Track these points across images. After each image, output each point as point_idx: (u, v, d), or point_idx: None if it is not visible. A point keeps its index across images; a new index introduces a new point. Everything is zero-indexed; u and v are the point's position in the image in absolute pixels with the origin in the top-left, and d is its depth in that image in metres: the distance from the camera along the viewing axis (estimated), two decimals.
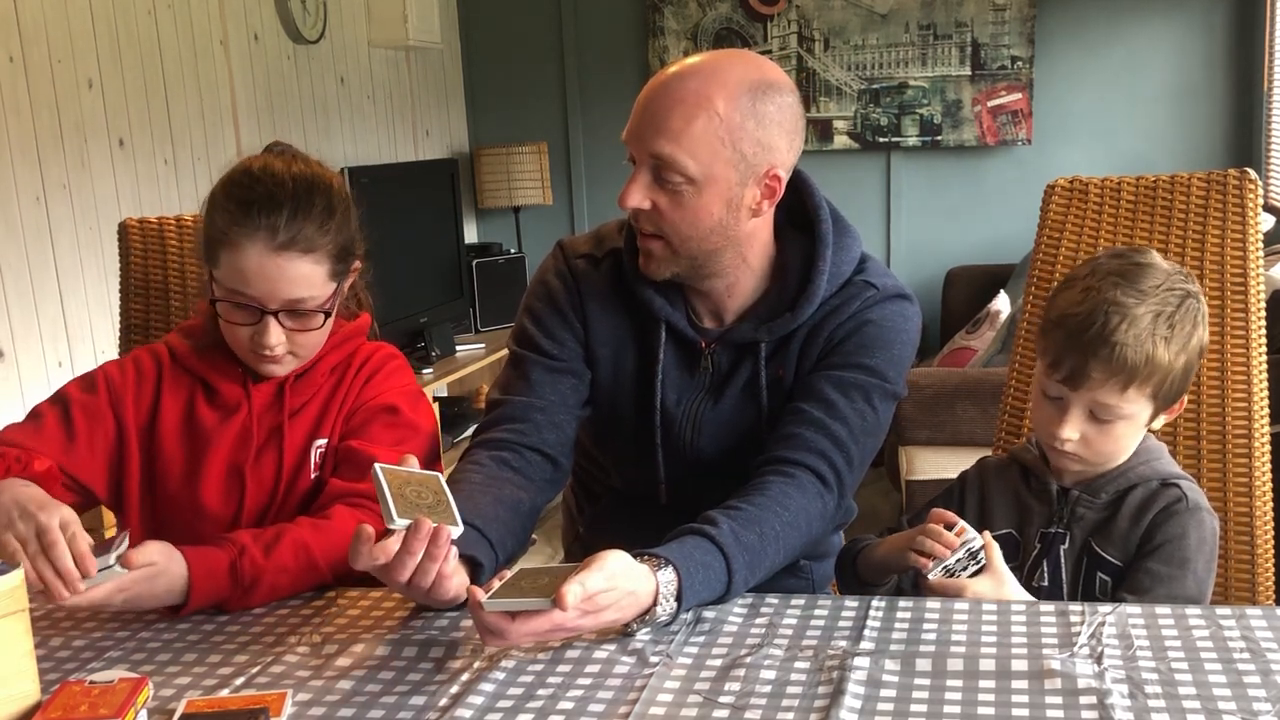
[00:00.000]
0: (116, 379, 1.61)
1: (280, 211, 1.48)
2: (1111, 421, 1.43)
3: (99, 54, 3.08)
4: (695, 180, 1.45)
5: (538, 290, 1.67)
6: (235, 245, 1.49)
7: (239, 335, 1.55)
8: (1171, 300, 1.42)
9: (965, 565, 1.39)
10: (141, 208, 3.22)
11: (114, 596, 1.31)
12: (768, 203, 1.52)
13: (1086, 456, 1.46)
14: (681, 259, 1.52)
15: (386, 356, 1.67)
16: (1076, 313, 1.42)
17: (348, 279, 1.61)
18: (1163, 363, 1.40)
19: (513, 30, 5.11)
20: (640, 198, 1.48)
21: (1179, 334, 1.41)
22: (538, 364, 1.61)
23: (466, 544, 1.34)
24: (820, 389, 1.52)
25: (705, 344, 1.60)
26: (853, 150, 4.89)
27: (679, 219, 1.48)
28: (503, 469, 1.53)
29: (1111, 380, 1.40)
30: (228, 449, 1.58)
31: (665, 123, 1.44)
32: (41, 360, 2.89)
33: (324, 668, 1.24)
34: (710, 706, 1.11)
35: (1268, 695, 1.07)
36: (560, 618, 1.16)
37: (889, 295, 1.58)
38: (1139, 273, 1.44)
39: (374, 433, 1.57)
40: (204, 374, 1.61)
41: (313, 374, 1.61)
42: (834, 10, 4.80)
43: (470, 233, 5.17)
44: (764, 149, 1.47)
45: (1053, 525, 1.50)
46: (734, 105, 1.44)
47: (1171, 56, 4.63)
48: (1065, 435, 1.43)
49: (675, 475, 1.64)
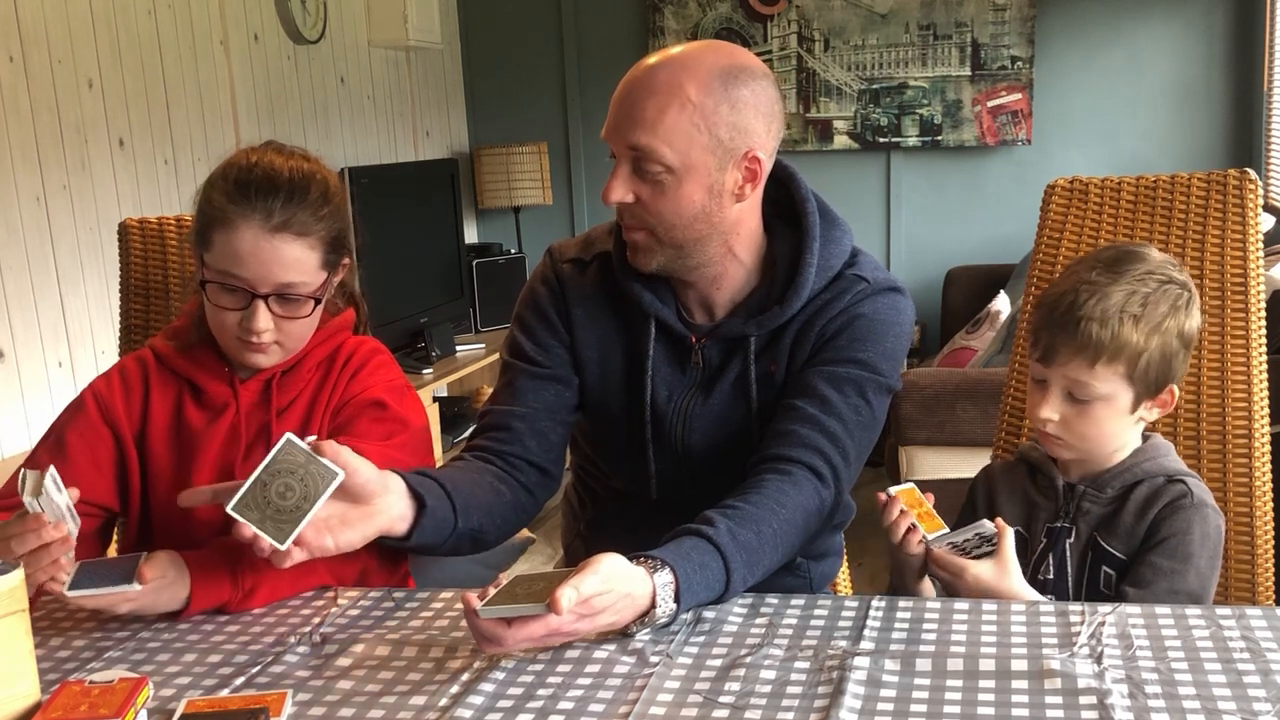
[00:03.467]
0: (104, 393, 1.61)
1: (277, 194, 1.49)
2: (1088, 402, 1.44)
3: (99, 54, 3.08)
4: (674, 169, 1.46)
5: (526, 298, 1.68)
6: (230, 224, 1.49)
7: (226, 321, 1.53)
8: (1151, 282, 1.44)
9: (976, 546, 1.39)
10: (141, 208, 3.22)
11: (120, 605, 1.32)
12: (750, 186, 1.52)
13: (1070, 440, 1.47)
14: (667, 248, 1.53)
15: (372, 351, 1.66)
16: (1055, 293, 1.47)
17: (338, 272, 1.60)
18: (1130, 341, 1.41)
19: (513, 30, 5.11)
20: (623, 191, 1.49)
21: (1151, 314, 1.42)
22: (524, 372, 1.63)
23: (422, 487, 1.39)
24: (814, 384, 1.52)
25: (695, 339, 1.60)
26: (853, 150, 4.89)
27: (662, 208, 1.49)
28: (487, 466, 1.56)
29: (1079, 356, 1.42)
30: (217, 449, 1.57)
31: (640, 114, 1.45)
32: (41, 360, 2.89)
33: (324, 668, 1.24)
34: (710, 706, 1.11)
35: (1268, 695, 1.07)
36: (556, 622, 1.16)
37: (880, 288, 1.58)
38: (1125, 259, 1.47)
39: (362, 427, 1.56)
40: (190, 374, 1.60)
41: (299, 370, 1.60)
42: (834, 10, 4.80)
43: (470, 233, 5.17)
44: (740, 132, 1.47)
45: (1059, 520, 1.51)
46: (706, 91, 1.45)
47: (1171, 56, 4.63)
48: (1044, 415, 1.46)
49: (665, 471, 1.64)
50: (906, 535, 1.42)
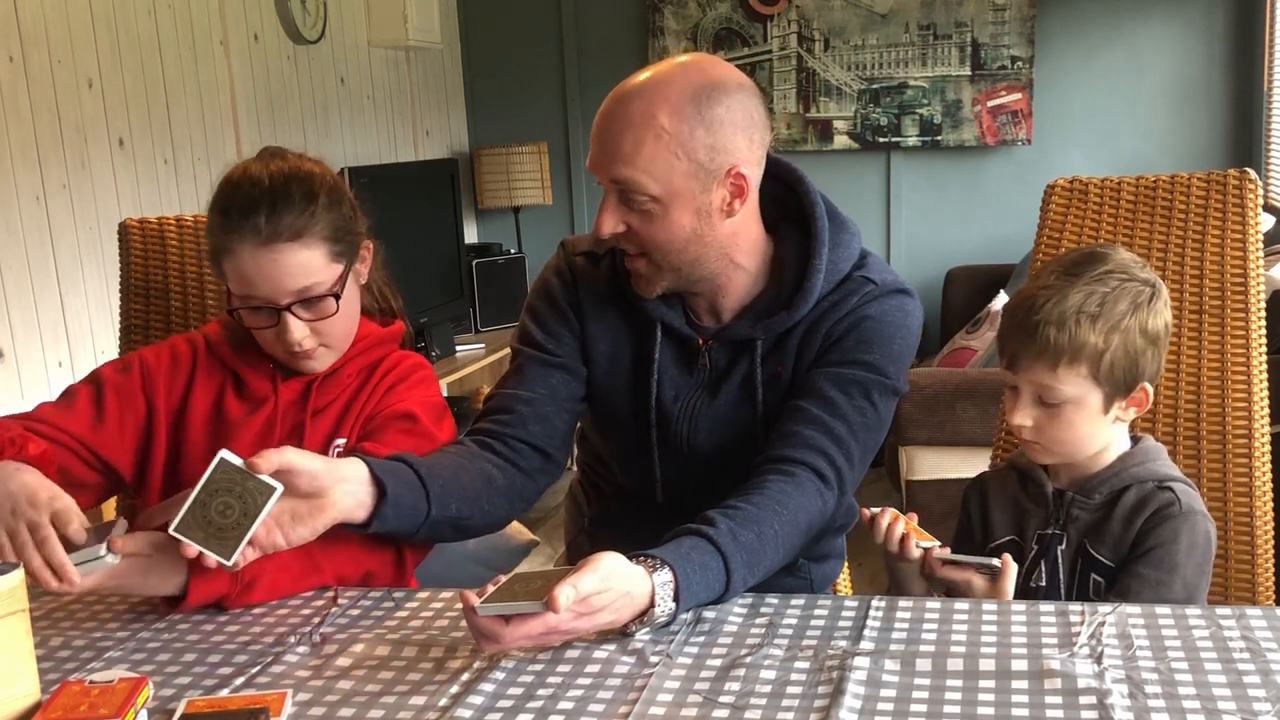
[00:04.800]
0: (152, 363, 1.64)
1: (258, 209, 1.51)
2: (1058, 406, 1.44)
3: (99, 54, 3.08)
4: (659, 198, 1.47)
5: (538, 288, 1.69)
6: (229, 252, 1.53)
7: (266, 339, 1.58)
8: (1110, 281, 1.44)
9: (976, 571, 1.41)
10: (141, 208, 3.22)
11: (104, 583, 1.33)
12: (739, 201, 1.52)
13: (1047, 445, 1.47)
14: (666, 273, 1.54)
15: (414, 366, 1.68)
16: (1018, 298, 1.47)
17: (359, 259, 1.62)
18: (1088, 341, 1.41)
19: (513, 30, 5.11)
20: (614, 223, 1.50)
21: (1109, 312, 1.42)
22: (532, 359, 1.64)
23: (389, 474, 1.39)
24: (819, 386, 1.52)
25: (702, 341, 1.60)
26: (853, 150, 4.89)
27: (654, 235, 1.50)
28: (483, 450, 1.56)
29: (1040, 361, 1.42)
30: (250, 441, 1.59)
31: (618, 148, 1.46)
32: (41, 360, 2.89)
33: (324, 668, 1.24)
34: (710, 706, 1.11)
35: (1268, 695, 1.07)
36: (554, 620, 1.16)
37: (888, 290, 1.57)
38: (1086, 260, 1.47)
39: (389, 438, 1.57)
40: (236, 366, 1.64)
41: (340, 375, 1.63)
42: (834, 10, 4.80)
43: (470, 233, 5.17)
44: (720, 152, 1.47)
45: (1049, 527, 1.51)
46: (680, 117, 1.45)
47: (1171, 56, 4.63)
48: (1017, 421, 1.46)
49: (670, 472, 1.64)
50: (903, 542, 1.42)
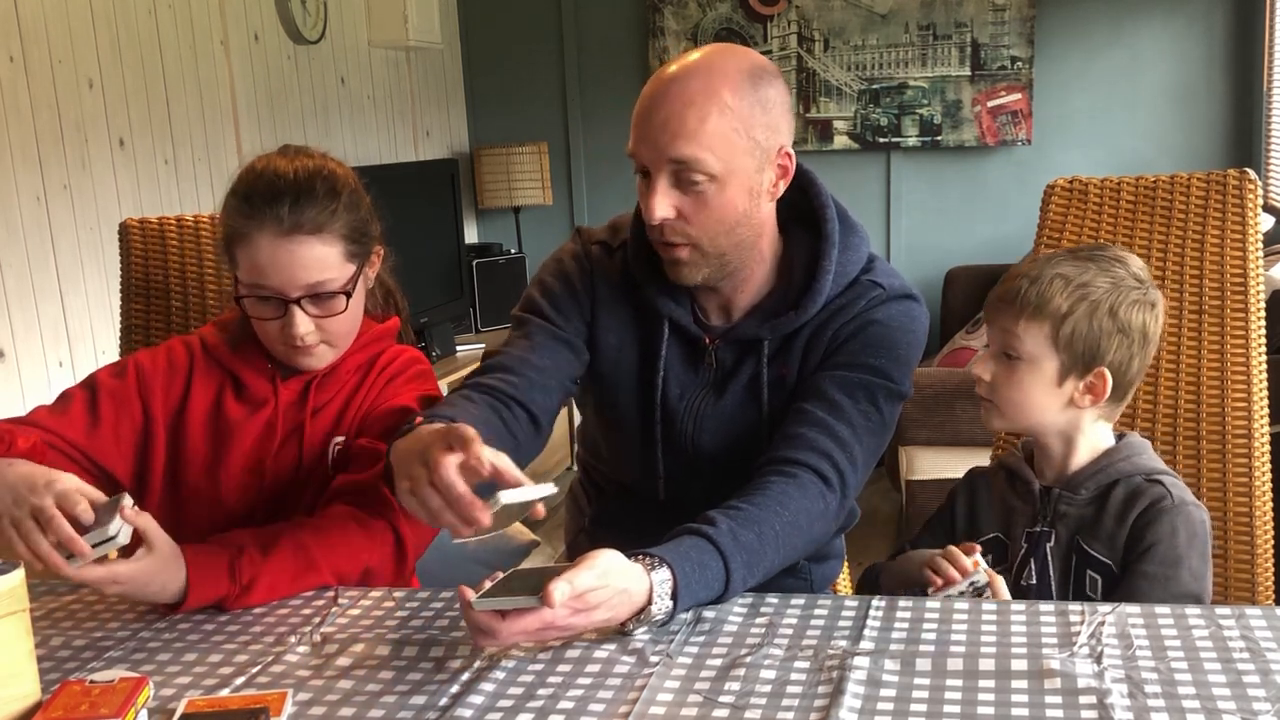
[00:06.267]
0: (148, 367, 1.63)
1: (283, 199, 1.51)
2: (1014, 362, 1.47)
3: (99, 54, 3.08)
4: (717, 176, 1.46)
5: (552, 267, 1.67)
6: (246, 238, 1.52)
7: (269, 330, 1.57)
8: (1107, 267, 1.47)
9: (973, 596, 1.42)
10: (142, 208, 3.22)
11: (108, 585, 1.31)
12: (783, 183, 1.54)
13: (999, 404, 1.50)
14: (711, 259, 1.53)
15: (410, 360, 1.68)
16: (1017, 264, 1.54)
17: (369, 263, 1.62)
18: (1053, 301, 1.44)
19: (513, 30, 5.11)
20: (666, 207, 1.48)
21: (1087, 285, 1.45)
22: (542, 328, 1.61)
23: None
24: (824, 389, 1.52)
25: (709, 340, 1.60)
26: (853, 150, 4.89)
27: (705, 218, 1.49)
28: (492, 415, 1.49)
29: (1009, 309, 1.47)
30: (251, 443, 1.60)
31: (679, 125, 1.44)
32: (41, 360, 2.89)
33: (324, 668, 1.24)
34: (710, 706, 1.11)
35: (1268, 695, 1.07)
36: (549, 615, 1.16)
37: (895, 295, 1.58)
38: (1100, 248, 1.51)
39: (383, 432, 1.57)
40: (234, 368, 1.63)
41: (338, 373, 1.63)
42: (834, 10, 4.80)
43: (470, 233, 5.17)
44: (773, 131, 1.49)
45: (1037, 524, 1.52)
46: (740, 95, 1.45)
47: (1171, 57, 4.63)
48: (977, 372, 1.51)
49: (674, 470, 1.64)
50: None
